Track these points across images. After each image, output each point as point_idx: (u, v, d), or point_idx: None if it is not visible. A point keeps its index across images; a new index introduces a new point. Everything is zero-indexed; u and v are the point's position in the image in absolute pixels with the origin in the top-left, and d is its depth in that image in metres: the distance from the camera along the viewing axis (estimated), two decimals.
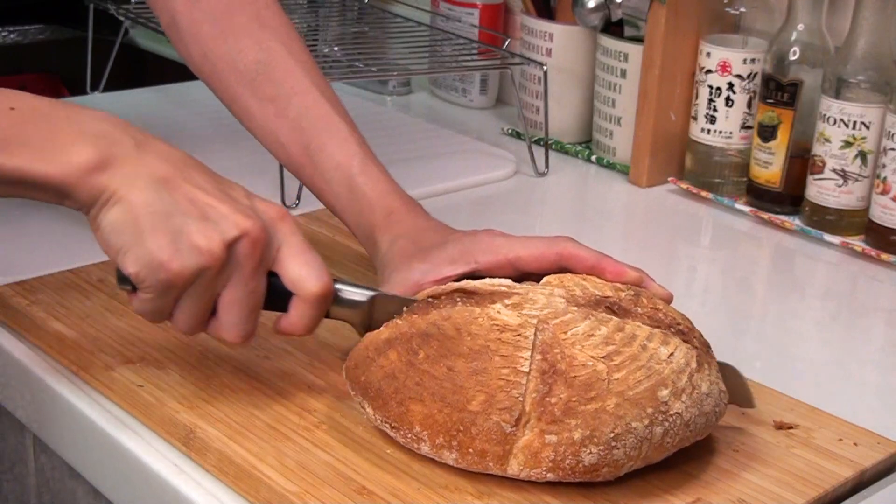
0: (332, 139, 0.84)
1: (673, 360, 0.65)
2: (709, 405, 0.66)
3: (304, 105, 0.85)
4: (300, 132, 0.85)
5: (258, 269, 0.67)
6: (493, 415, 0.62)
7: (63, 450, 0.78)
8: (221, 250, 0.65)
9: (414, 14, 1.45)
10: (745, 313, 0.97)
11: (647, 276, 0.75)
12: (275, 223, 0.68)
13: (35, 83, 1.83)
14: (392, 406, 0.65)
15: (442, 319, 0.67)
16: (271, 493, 0.63)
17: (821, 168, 1.07)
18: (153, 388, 0.72)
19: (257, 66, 0.86)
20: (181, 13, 0.88)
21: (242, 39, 0.87)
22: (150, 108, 1.37)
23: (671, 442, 0.64)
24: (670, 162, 1.21)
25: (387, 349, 0.67)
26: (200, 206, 0.66)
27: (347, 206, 0.83)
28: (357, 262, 0.92)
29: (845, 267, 1.04)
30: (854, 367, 0.87)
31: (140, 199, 0.64)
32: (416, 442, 0.64)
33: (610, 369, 0.63)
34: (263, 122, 0.86)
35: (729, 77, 1.14)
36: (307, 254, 0.69)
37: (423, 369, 0.65)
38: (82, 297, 0.83)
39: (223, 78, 0.87)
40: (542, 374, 0.63)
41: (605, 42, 1.23)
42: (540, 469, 0.62)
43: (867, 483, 0.69)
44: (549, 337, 0.65)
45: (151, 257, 0.64)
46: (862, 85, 1.04)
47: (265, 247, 0.67)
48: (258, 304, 0.68)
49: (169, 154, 0.68)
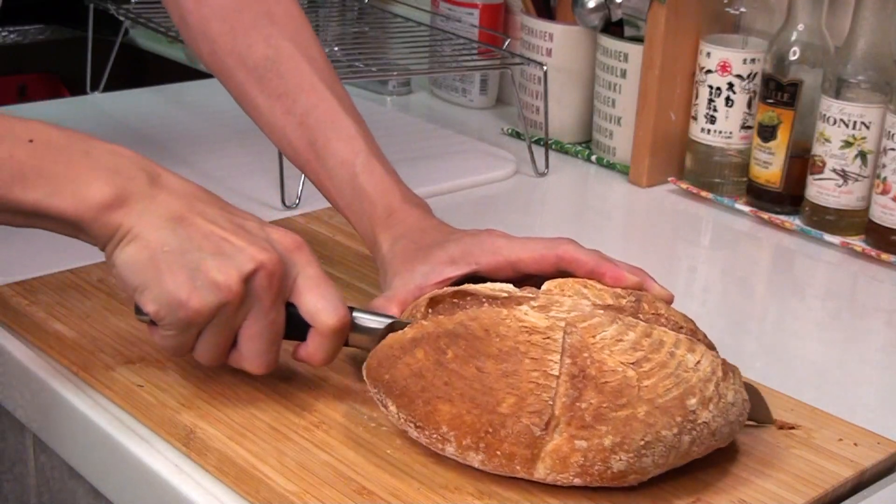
0: (338, 136, 0.84)
1: (700, 369, 0.65)
2: (733, 414, 0.66)
3: (311, 102, 0.85)
4: (307, 129, 0.85)
5: (276, 300, 0.67)
6: (523, 418, 0.62)
7: (63, 450, 0.78)
8: (239, 285, 0.65)
9: (414, 14, 1.45)
10: (745, 313, 0.97)
11: (648, 277, 0.74)
12: (291, 253, 0.69)
13: (35, 83, 1.83)
14: (418, 405, 0.64)
15: (469, 320, 0.66)
16: (271, 494, 0.63)
17: (821, 168, 1.07)
18: (153, 388, 0.72)
19: (266, 62, 0.86)
20: (190, 11, 0.88)
21: (251, 36, 0.87)
22: (150, 108, 1.37)
23: (697, 451, 0.64)
24: (670, 162, 1.21)
25: (413, 348, 0.66)
26: (215, 242, 0.66)
27: (350, 204, 0.83)
28: (357, 263, 0.92)
29: (845, 267, 1.04)
30: (854, 367, 0.87)
31: (155, 238, 0.65)
32: (442, 442, 0.64)
33: (640, 376, 0.63)
34: (271, 118, 0.86)
35: (729, 77, 1.14)
36: (323, 286, 0.69)
37: (452, 369, 0.64)
38: (82, 297, 0.83)
39: (232, 74, 0.87)
40: (572, 379, 0.63)
41: (605, 42, 1.23)
42: (567, 474, 0.62)
43: (867, 483, 0.69)
44: (577, 340, 0.64)
45: (170, 296, 0.64)
46: (862, 85, 1.04)
47: (282, 278, 0.67)
48: (278, 334, 0.69)
49: (182, 189, 0.68)
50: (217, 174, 1.14)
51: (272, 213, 1.04)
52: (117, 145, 0.68)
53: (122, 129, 1.28)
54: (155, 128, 1.30)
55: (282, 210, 1.05)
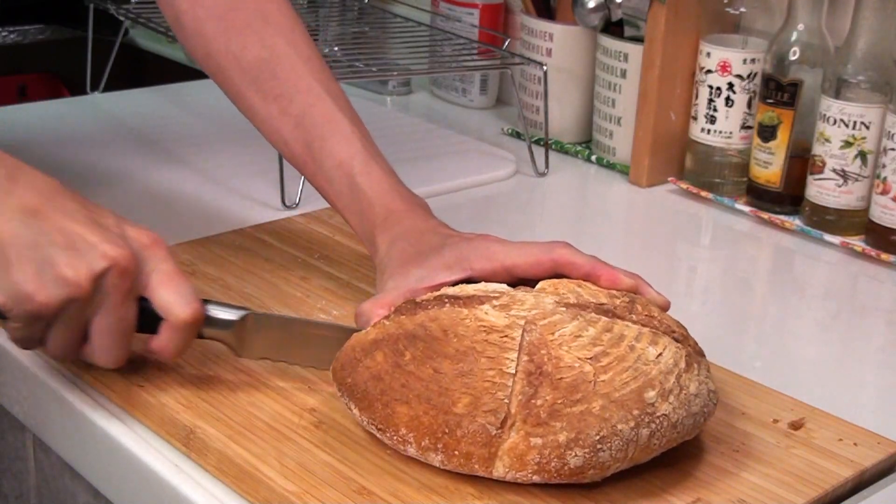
0: (334, 137, 0.84)
1: (661, 361, 0.65)
2: (697, 406, 0.66)
3: (307, 102, 0.85)
4: (303, 130, 0.85)
5: (127, 297, 0.68)
6: (478, 417, 0.62)
7: (63, 450, 0.78)
8: (88, 282, 0.65)
9: (414, 14, 1.45)
10: (745, 313, 0.97)
11: (644, 282, 0.74)
12: (146, 249, 0.69)
13: (35, 83, 1.83)
14: (378, 408, 0.65)
15: (429, 320, 0.67)
16: (271, 494, 0.63)
17: (821, 168, 1.07)
18: (153, 388, 0.72)
19: (261, 63, 0.86)
20: (184, 12, 0.88)
21: (246, 37, 0.86)
22: (150, 108, 1.37)
23: (658, 443, 0.64)
24: (670, 162, 1.21)
25: (373, 350, 0.67)
26: (68, 236, 0.66)
27: (349, 205, 0.83)
28: (357, 263, 0.92)
29: (845, 267, 1.04)
30: (854, 367, 0.87)
31: (6, 229, 0.65)
32: (403, 444, 0.64)
33: (597, 370, 0.63)
34: (268, 119, 0.86)
35: (729, 77, 1.14)
36: (176, 280, 0.69)
37: (409, 371, 0.65)
38: None
39: (228, 76, 0.87)
40: (529, 376, 0.63)
41: (605, 42, 1.23)
42: (525, 471, 0.62)
43: (867, 483, 0.69)
44: (536, 338, 0.65)
45: (17, 289, 0.65)
46: (862, 85, 1.04)
47: (134, 275, 0.68)
48: (129, 329, 0.69)
49: (41, 184, 0.68)
50: (217, 174, 1.14)
51: (272, 213, 1.04)
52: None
53: (122, 129, 1.28)
54: (155, 128, 1.30)
55: (282, 210, 1.05)
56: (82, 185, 1.10)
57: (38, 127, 1.28)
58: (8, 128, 1.26)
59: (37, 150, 1.20)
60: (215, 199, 1.08)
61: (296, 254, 0.93)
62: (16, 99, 1.79)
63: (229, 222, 1.00)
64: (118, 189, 1.09)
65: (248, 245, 0.94)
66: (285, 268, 0.90)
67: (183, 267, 0.89)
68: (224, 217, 1.02)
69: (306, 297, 0.86)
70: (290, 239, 0.96)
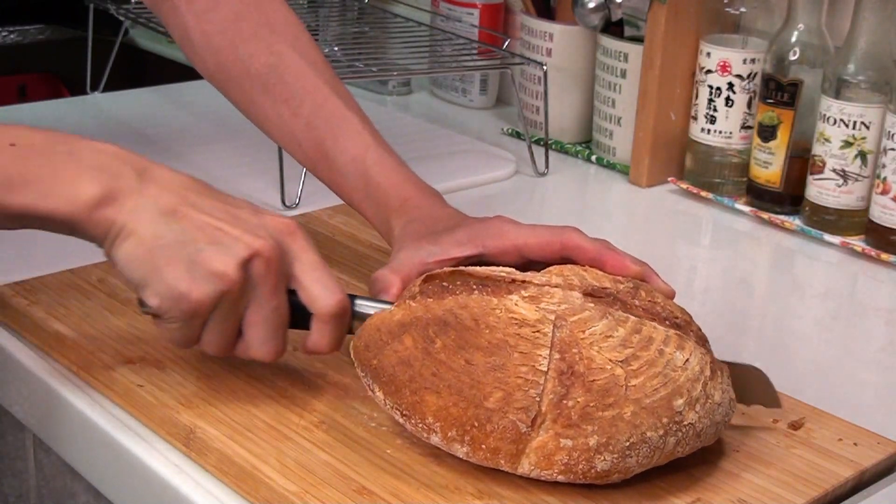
0: (346, 134, 0.85)
1: (688, 367, 0.65)
2: (720, 415, 0.66)
3: (315, 103, 0.86)
4: (314, 129, 0.86)
5: (276, 286, 0.68)
6: (509, 413, 0.62)
7: (63, 450, 0.78)
8: (237, 272, 0.66)
9: (414, 14, 1.45)
10: (745, 313, 0.97)
11: (651, 271, 0.75)
12: (285, 238, 0.69)
13: (35, 83, 1.83)
14: (406, 394, 0.65)
15: (459, 307, 0.66)
16: (271, 494, 0.63)
17: (821, 168, 1.07)
18: (153, 388, 0.72)
19: (269, 69, 0.87)
20: (192, 28, 0.90)
21: (253, 45, 0.88)
22: (150, 108, 1.37)
23: (681, 451, 0.65)
24: (670, 162, 1.21)
25: (401, 334, 0.66)
26: (209, 232, 0.66)
27: (365, 198, 0.84)
28: (357, 262, 0.92)
29: (845, 267, 1.04)
30: (854, 367, 0.87)
31: (149, 232, 0.65)
32: (427, 432, 0.64)
33: (628, 374, 0.63)
34: (279, 123, 0.87)
35: (729, 77, 1.14)
36: (319, 270, 0.70)
37: (441, 360, 0.64)
38: (82, 297, 0.83)
39: (238, 84, 0.89)
40: (560, 375, 0.63)
41: (605, 42, 1.23)
42: (551, 471, 0.62)
43: (867, 483, 0.69)
44: (566, 335, 0.64)
45: (171, 289, 0.65)
46: (862, 85, 1.04)
47: (279, 263, 0.68)
48: (283, 320, 0.69)
49: (172, 181, 0.68)
50: (217, 174, 1.14)
51: None
52: (101, 142, 0.68)
53: (122, 129, 1.28)
54: (155, 128, 1.30)
55: (282, 210, 1.05)
56: None
57: None
58: None
59: None
60: None
61: None
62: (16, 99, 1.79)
63: None
64: None
65: None
66: None
67: None
68: None
69: None
70: None
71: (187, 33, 0.90)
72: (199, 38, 0.90)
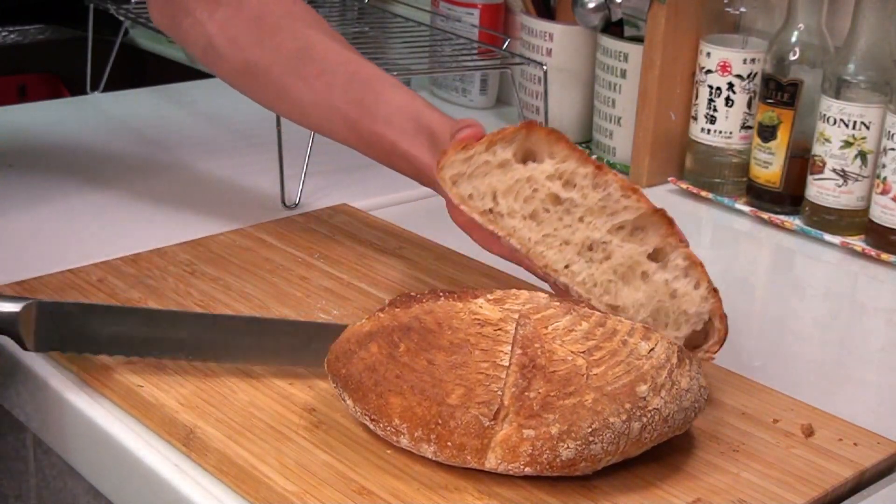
0: (388, 89, 0.87)
1: (653, 356, 0.66)
2: (688, 401, 0.66)
3: (349, 71, 0.88)
4: (352, 92, 0.87)
5: None
6: (471, 408, 0.63)
7: (63, 450, 0.78)
8: None
9: (414, 14, 1.44)
10: (745, 313, 0.97)
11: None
12: None
13: (35, 83, 1.83)
14: (371, 398, 0.65)
15: (424, 313, 0.67)
16: (271, 494, 0.63)
17: (821, 168, 1.07)
18: (153, 388, 0.72)
19: (297, 53, 0.89)
20: (215, 35, 0.91)
21: (279, 36, 0.90)
22: (150, 108, 1.37)
23: (649, 437, 0.64)
24: (670, 162, 1.21)
25: (368, 342, 0.67)
26: None
27: (415, 137, 0.85)
28: (357, 262, 0.92)
29: (845, 267, 1.04)
30: (854, 367, 0.87)
31: None
32: (396, 435, 0.65)
33: (589, 364, 0.64)
34: (313, 100, 0.88)
35: (729, 77, 1.14)
36: None
37: (404, 362, 0.65)
38: (82, 297, 0.83)
39: (269, 77, 0.90)
40: (522, 369, 0.63)
41: (605, 42, 1.23)
42: (518, 463, 0.62)
43: (867, 483, 0.69)
44: (529, 331, 0.65)
45: None
46: (862, 85, 1.04)
47: None
48: None
49: None
50: (217, 174, 1.14)
51: (272, 213, 1.04)
52: None
53: (122, 129, 1.28)
54: (155, 128, 1.30)
55: (282, 210, 1.05)
56: (82, 185, 1.10)
57: (38, 127, 1.28)
58: (8, 128, 1.26)
59: (37, 150, 1.20)
60: (215, 199, 1.08)
61: (296, 254, 0.93)
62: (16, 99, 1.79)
63: (229, 222, 1.00)
64: (118, 189, 1.09)
65: (248, 245, 0.94)
66: (285, 268, 0.90)
67: (183, 267, 0.89)
68: (224, 217, 1.02)
69: (306, 296, 0.86)
70: (290, 239, 0.96)
71: (211, 42, 0.91)
72: (224, 44, 0.91)
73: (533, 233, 0.73)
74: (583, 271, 0.74)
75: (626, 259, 0.74)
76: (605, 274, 0.74)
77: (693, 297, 0.74)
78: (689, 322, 0.74)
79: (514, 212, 0.73)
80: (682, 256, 0.74)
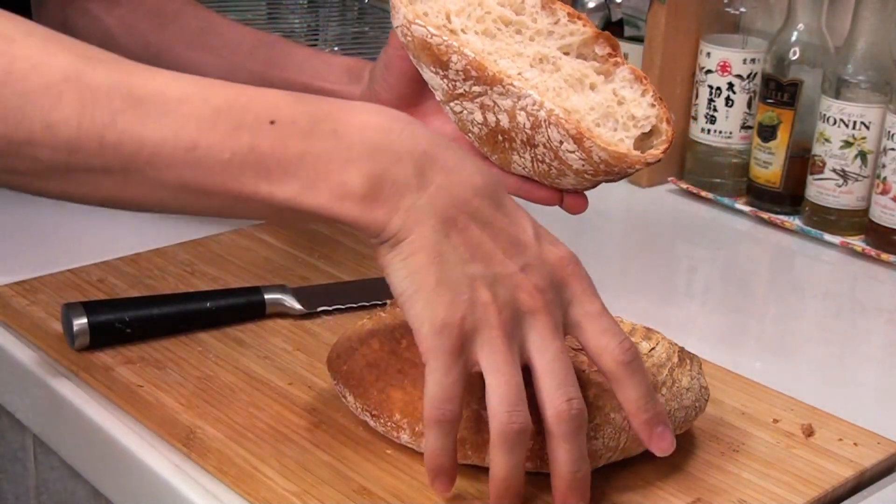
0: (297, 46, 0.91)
1: (654, 355, 0.67)
2: (689, 399, 0.67)
3: (257, 38, 0.92)
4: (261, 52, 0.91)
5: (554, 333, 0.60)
6: (472, 403, 0.63)
7: (63, 450, 0.78)
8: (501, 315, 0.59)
9: None
10: (745, 313, 0.97)
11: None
12: (561, 274, 0.61)
13: None
14: (373, 394, 0.65)
15: None
16: (271, 494, 0.63)
17: (821, 168, 1.07)
18: (153, 388, 0.72)
19: (203, 30, 0.92)
20: (114, 26, 0.93)
21: (181, 19, 0.93)
22: None
23: None
24: (670, 162, 1.21)
25: (369, 338, 0.68)
26: (484, 258, 0.59)
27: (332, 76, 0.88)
28: (357, 262, 0.92)
29: (845, 267, 1.04)
30: (854, 367, 0.87)
31: (426, 244, 0.58)
32: (396, 430, 0.65)
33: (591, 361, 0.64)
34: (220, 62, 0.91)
35: (729, 77, 1.14)
36: (603, 318, 0.61)
37: (406, 357, 0.65)
38: (82, 297, 0.83)
39: (171, 53, 0.92)
40: None
41: None
42: None
43: (867, 483, 0.69)
44: None
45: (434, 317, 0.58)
46: (862, 85, 1.04)
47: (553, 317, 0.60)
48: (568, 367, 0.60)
49: (455, 175, 0.59)
50: None
51: None
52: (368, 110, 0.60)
53: None
54: None
55: None
56: None
57: None
58: None
59: None
60: None
61: (296, 254, 0.93)
62: None
63: (229, 222, 1.00)
64: None
65: (247, 245, 0.94)
66: (285, 268, 0.90)
67: (183, 267, 0.89)
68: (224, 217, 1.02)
69: None
70: (290, 239, 0.96)
71: (110, 33, 0.93)
72: (122, 34, 0.93)
73: (486, 45, 0.76)
74: (535, 77, 0.75)
75: (574, 71, 0.76)
76: (556, 82, 0.76)
77: (640, 103, 0.76)
78: (638, 125, 0.76)
79: (467, 28, 0.76)
80: (627, 70, 0.77)
